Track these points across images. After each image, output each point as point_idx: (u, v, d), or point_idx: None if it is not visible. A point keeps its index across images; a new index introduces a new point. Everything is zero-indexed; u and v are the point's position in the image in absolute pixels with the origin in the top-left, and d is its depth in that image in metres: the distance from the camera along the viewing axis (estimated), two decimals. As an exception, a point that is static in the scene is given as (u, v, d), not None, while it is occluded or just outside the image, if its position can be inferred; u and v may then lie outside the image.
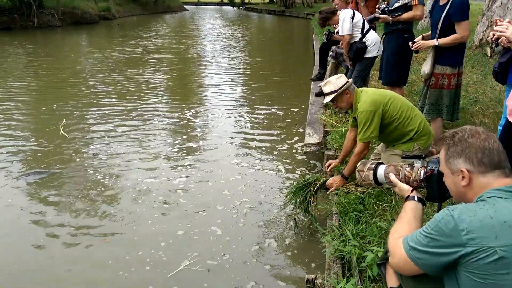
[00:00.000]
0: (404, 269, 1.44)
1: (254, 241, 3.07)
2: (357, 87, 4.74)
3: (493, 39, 2.43)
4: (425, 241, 1.31)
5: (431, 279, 1.45)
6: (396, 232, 1.51)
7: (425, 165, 1.62)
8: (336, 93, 3.10)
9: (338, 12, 5.09)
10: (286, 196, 3.29)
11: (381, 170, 1.80)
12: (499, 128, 3.02)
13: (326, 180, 3.19)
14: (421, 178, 1.61)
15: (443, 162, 1.43)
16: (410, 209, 1.57)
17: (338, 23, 4.95)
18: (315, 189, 3.14)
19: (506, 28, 2.22)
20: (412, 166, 1.69)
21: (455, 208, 1.28)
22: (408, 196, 1.62)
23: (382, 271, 1.68)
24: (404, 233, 1.45)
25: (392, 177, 1.72)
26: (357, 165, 1.92)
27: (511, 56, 2.55)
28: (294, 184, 3.27)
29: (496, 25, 2.28)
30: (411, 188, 1.64)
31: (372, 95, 3.06)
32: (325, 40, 5.75)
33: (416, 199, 1.60)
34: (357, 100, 3.12)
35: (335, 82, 3.13)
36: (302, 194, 3.12)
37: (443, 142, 1.43)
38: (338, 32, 5.22)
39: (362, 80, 4.88)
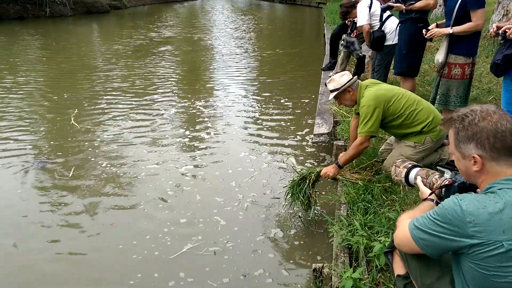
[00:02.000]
0: (404, 246, 1.46)
1: (260, 232, 3.07)
2: (380, 74, 4.78)
3: (500, 32, 2.41)
4: (430, 225, 1.31)
5: (437, 268, 1.45)
6: (408, 213, 1.54)
7: (453, 178, 1.61)
8: (338, 91, 3.13)
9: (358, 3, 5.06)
10: (286, 196, 3.21)
11: (414, 171, 1.83)
12: None
13: (320, 171, 3.16)
14: (441, 184, 1.60)
15: (453, 146, 1.36)
16: (428, 205, 1.57)
17: None
18: (311, 181, 3.10)
19: None
20: (442, 174, 1.69)
21: (464, 198, 1.25)
22: (426, 198, 1.63)
23: (389, 259, 1.69)
24: (415, 217, 1.45)
25: (418, 179, 1.75)
26: (397, 161, 1.95)
27: None
28: (290, 182, 3.20)
29: None
30: (430, 191, 1.64)
31: (377, 90, 3.05)
32: (349, 31, 5.74)
33: (434, 202, 1.60)
34: (361, 96, 3.11)
35: (338, 80, 3.15)
36: (301, 190, 3.08)
37: (451, 124, 1.35)
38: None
39: (385, 67, 4.85)
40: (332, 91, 3.17)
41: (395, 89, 3.14)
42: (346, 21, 5.65)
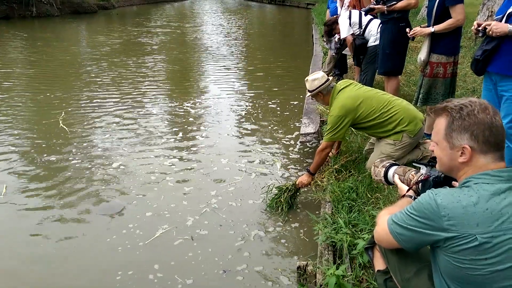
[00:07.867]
0: (383, 241, 1.49)
1: (243, 231, 3.05)
2: (368, 74, 4.89)
3: (479, 29, 2.48)
4: (407, 219, 1.33)
5: (415, 263, 1.48)
6: (387, 210, 1.57)
7: (428, 172, 1.64)
8: (311, 93, 3.32)
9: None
10: (267, 207, 3.32)
11: (392, 170, 1.86)
12: None
13: (295, 182, 3.29)
14: (417, 180, 1.63)
15: (442, 134, 1.34)
16: (406, 201, 1.60)
17: None
18: (290, 194, 3.26)
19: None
20: (418, 170, 1.73)
21: (439, 192, 1.28)
22: (404, 195, 1.66)
23: (369, 255, 1.71)
24: (393, 212, 1.47)
25: (395, 177, 1.78)
26: (375, 161, 1.98)
27: (496, 44, 2.54)
28: (270, 199, 3.34)
29: None
30: (407, 188, 1.67)
31: (345, 99, 3.17)
32: (338, 45, 5.83)
33: (412, 198, 1.62)
34: (333, 100, 3.25)
35: (311, 83, 3.30)
36: (282, 201, 3.23)
37: (444, 112, 1.33)
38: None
39: (372, 67, 4.94)
40: (308, 90, 3.35)
41: (360, 93, 3.21)
42: (336, 39, 5.76)
